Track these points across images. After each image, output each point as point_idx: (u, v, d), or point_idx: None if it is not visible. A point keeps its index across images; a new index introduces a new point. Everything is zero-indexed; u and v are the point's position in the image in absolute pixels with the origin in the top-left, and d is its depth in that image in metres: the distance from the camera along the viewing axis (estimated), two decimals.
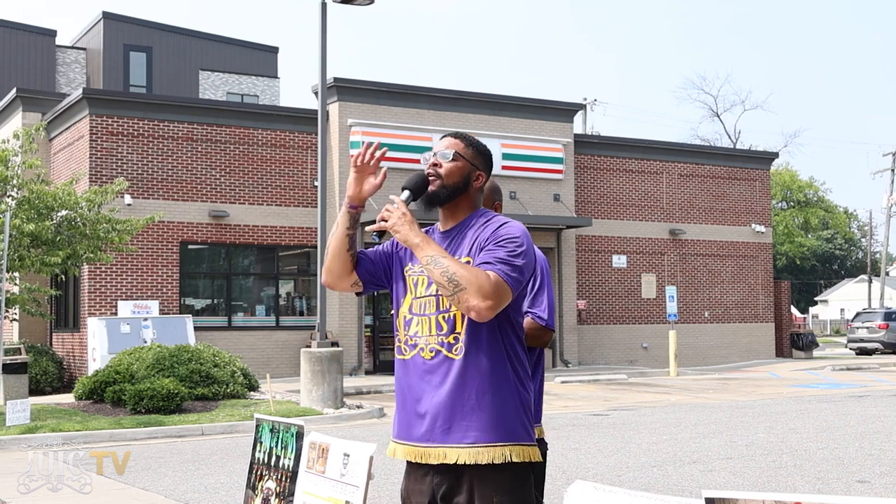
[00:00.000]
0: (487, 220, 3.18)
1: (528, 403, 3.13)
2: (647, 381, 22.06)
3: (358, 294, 3.44)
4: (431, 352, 3.10)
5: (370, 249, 3.35)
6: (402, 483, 3.23)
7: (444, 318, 3.09)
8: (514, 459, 3.01)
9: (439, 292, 3.07)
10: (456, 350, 3.06)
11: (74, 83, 37.02)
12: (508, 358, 3.09)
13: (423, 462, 3.08)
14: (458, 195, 3.21)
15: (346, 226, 3.23)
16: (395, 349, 3.27)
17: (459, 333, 3.06)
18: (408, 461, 3.16)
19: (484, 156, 3.29)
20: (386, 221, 3.10)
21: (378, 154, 3.22)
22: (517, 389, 3.09)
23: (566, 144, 25.70)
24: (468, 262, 3.07)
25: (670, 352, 24.22)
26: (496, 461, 2.99)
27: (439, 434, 3.04)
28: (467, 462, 3.00)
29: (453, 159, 3.21)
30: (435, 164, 3.21)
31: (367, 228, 3.19)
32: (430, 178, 3.20)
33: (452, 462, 3.01)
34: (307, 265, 23.23)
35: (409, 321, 3.19)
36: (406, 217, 3.09)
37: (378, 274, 3.31)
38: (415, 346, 3.15)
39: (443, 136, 3.32)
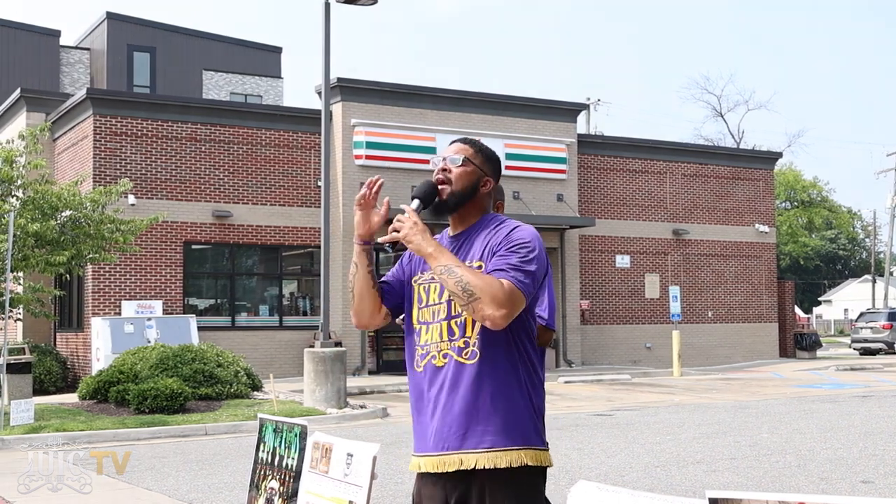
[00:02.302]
0: (499, 224, 3.17)
1: (541, 408, 3.15)
2: (651, 381, 22.04)
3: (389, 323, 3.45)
4: (444, 357, 3.09)
5: (389, 276, 3.34)
6: (415, 486, 3.22)
7: (455, 322, 3.08)
8: (529, 463, 3.02)
9: (452, 300, 3.07)
10: (467, 354, 3.06)
11: (78, 83, 37.07)
12: (522, 362, 3.09)
13: (441, 471, 3.05)
14: (467, 200, 3.21)
15: (365, 264, 3.23)
16: (408, 363, 3.24)
17: (470, 338, 3.06)
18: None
19: (492, 161, 3.30)
20: (398, 232, 3.08)
21: (376, 187, 3.22)
22: (530, 394, 3.09)
23: (570, 144, 25.69)
24: (480, 267, 3.07)
25: (674, 352, 24.21)
26: (513, 465, 2.99)
27: (455, 440, 3.03)
28: (485, 466, 2.99)
29: (462, 164, 3.22)
30: (444, 170, 3.22)
31: (380, 239, 3.18)
32: (440, 184, 3.20)
33: (470, 468, 3.00)
34: (311, 265, 23.25)
35: (418, 332, 3.18)
36: (418, 226, 3.07)
37: (403, 297, 3.30)
38: (426, 355, 3.14)
39: (452, 142, 3.33)
